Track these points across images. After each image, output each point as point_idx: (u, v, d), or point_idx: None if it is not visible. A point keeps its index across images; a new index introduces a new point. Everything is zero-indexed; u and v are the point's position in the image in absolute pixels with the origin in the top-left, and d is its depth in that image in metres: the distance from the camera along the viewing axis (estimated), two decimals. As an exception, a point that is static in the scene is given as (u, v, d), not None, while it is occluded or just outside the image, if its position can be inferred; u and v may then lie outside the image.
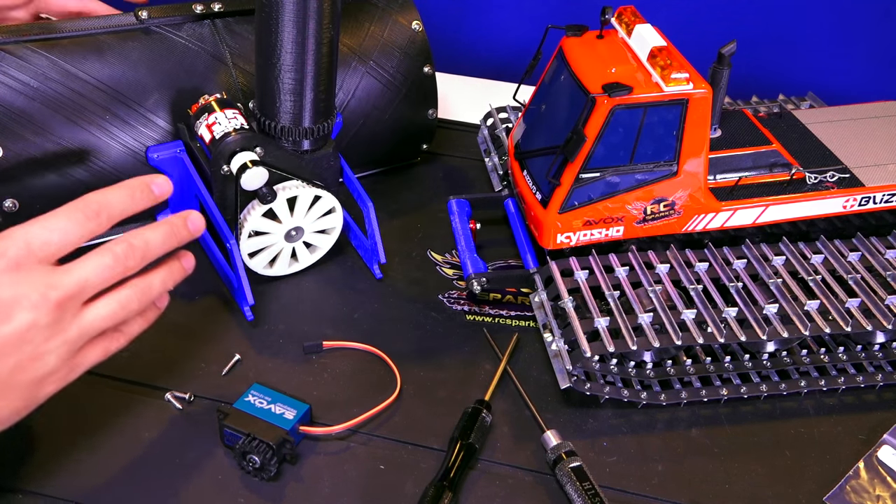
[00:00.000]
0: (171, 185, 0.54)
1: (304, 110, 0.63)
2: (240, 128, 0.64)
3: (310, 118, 0.64)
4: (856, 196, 0.67)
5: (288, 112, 0.63)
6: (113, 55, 0.67)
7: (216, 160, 0.64)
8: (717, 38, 0.71)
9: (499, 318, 0.70)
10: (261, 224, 0.67)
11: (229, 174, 0.64)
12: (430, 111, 0.80)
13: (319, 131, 0.65)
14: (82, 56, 0.66)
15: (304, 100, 0.63)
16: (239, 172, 0.63)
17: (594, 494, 0.55)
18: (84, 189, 0.64)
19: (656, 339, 0.59)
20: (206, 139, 0.65)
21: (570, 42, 0.66)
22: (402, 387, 0.63)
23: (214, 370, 0.64)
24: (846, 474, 0.59)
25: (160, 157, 0.68)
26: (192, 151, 0.68)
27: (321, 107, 0.64)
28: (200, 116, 0.66)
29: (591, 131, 0.60)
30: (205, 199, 0.67)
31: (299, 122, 0.64)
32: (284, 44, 0.60)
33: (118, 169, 0.67)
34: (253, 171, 0.63)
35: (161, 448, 0.58)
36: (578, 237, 0.65)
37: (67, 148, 0.65)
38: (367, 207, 0.70)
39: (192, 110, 0.67)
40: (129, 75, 0.67)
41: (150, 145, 0.68)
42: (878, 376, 0.65)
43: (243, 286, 0.65)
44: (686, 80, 0.60)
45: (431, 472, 0.57)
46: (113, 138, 0.67)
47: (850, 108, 0.77)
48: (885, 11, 0.98)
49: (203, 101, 0.66)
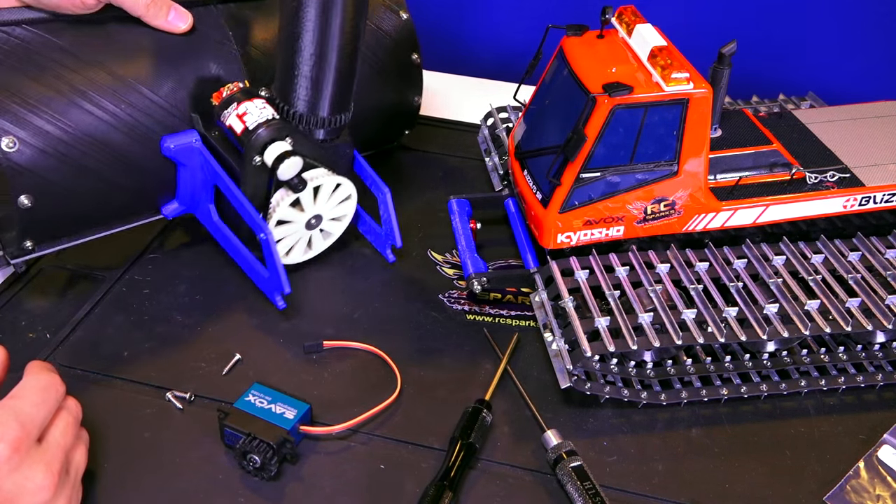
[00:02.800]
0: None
1: (322, 99, 0.64)
2: (271, 118, 0.64)
3: (327, 108, 0.64)
4: (856, 196, 0.67)
5: (305, 99, 0.64)
6: (122, 43, 0.65)
7: (249, 151, 0.63)
8: (717, 38, 0.71)
9: (499, 317, 0.70)
10: (287, 213, 0.67)
11: (261, 164, 0.64)
12: (415, 98, 0.82)
13: (334, 122, 0.66)
14: (93, 43, 0.64)
15: (323, 89, 0.63)
16: (276, 163, 0.63)
17: (595, 494, 0.55)
18: (96, 179, 0.64)
19: (656, 339, 0.59)
20: (237, 129, 0.64)
21: (571, 42, 0.66)
22: (402, 387, 0.63)
23: (214, 370, 0.64)
24: (846, 474, 0.59)
25: (175, 147, 0.66)
26: (207, 141, 0.67)
27: (339, 98, 0.65)
28: (228, 106, 0.64)
29: (591, 131, 0.60)
30: (228, 188, 0.66)
31: (315, 111, 0.64)
32: (308, 31, 0.60)
33: (130, 157, 0.65)
34: (290, 161, 0.63)
35: (161, 448, 0.58)
36: (579, 237, 0.65)
37: (79, 137, 0.63)
38: (384, 193, 0.71)
39: (215, 99, 0.65)
40: (141, 63, 0.65)
41: (164, 135, 0.66)
42: (879, 376, 0.65)
43: (279, 274, 0.65)
44: (686, 79, 0.60)
45: (431, 472, 0.57)
46: (124, 127, 0.64)
47: (850, 108, 0.77)
48: (886, 11, 0.98)
49: (228, 90, 0.65)
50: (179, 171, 0.68)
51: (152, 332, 0.67)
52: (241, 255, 0.69)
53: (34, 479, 0.48)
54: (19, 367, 0.54)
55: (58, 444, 0.50)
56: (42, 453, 0.49)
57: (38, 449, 0.49)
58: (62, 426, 0.52)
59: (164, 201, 0.70)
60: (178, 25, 0.64)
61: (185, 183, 0.68)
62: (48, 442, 0.50)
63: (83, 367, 0.64)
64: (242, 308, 0.70)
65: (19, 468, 0.47)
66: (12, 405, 0.49)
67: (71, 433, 0.52)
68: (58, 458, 0.50)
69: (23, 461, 0.47)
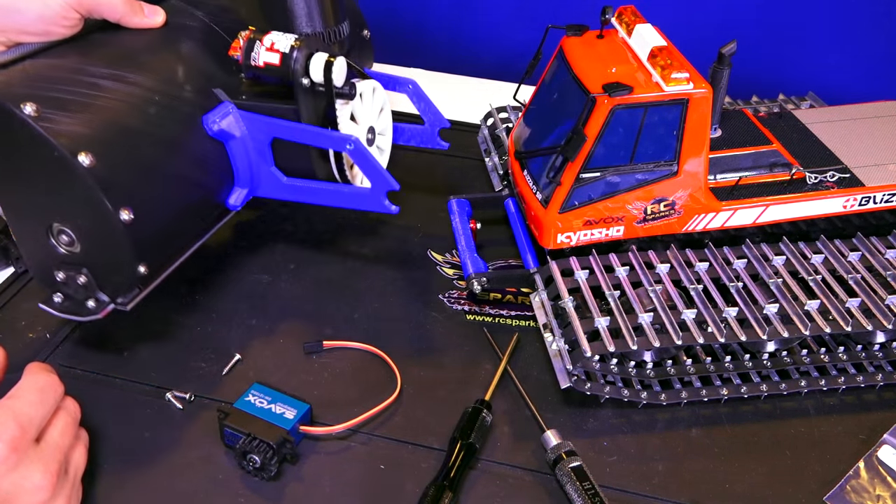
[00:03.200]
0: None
1: (323, 13, 0.67)
2: (297, 38, 0.64)
3: (330, 19, 0.68)
4: (856, 196, 0.67)
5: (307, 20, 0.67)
6: (122, 48, 0.64)
7: (295, 76, 0.63)
8: (717, 38, 0.71)
9: (499, 317, 0.70)
10: (349, 127, 0.67)
11: (309, 84, 0.64)
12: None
13: (339, 33, 0.69)
14: (101, 55, 0.62)
15: (311, 6, 0.66)
16: (327, 71, 0.63)
17: (594, 494, 0.55)
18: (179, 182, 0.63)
19: (656, 339, 0.59)
20: (275, 61, 0.63)
21: (571, 42, 0.66)
22: (402, 387, 0.63)
23: (214, 370, 0.64)
24: (846, 474, 0.59)
25: (219, 121, 0.65)
26: (241, 106, 0.66)
27: (335, 8, 0.68)
28: (252, 49, 0.64)
29: (591, 131, 0.60)
30: (289, 127, 0.65)
31: (324, 26, 0.67)
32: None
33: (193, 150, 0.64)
34: (337, 64, 0.63)
35: (161, 448, 0.58)
36: (579, 237, 0.65)
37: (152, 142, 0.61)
38: (412, 85, 0.73)
39: (234, 51, 0.65)
40: (150, 61, 0.64)
41: (202, 116, 0.64)
42: (879, 376, 0.65)
43: (383, 175, 0.64)
44: (686, 79, 0.60)
45: (431, 472, 0.57)
46: (177, 122, 0.63)
47: (850, 108, 0.77)
48: (886, 11, 0.98)
49: (244, 36, 0.65)
50: (230, 149, 0.66)
51: (152, 332, 0.67)
52: (328, 194, 0.68)
53: (32, 478, 0.48)
54: (19, 367, 0.54)
55: (56, 445, 0.50)
56: (40, 453, 0.49)
57: (36, 449, 0.49)
58: (61, 426, 0.52)
59: (226, 195, 0.68)
60: (155, 19, 0.65)
61: (239, 158, 0.67)
62: (46, 442, 0.50)
63: (83, 367, 0.64)
64: (242, 308, 0.70)
65: (17, 468, 0.47)
66: (10, 405, 0.49)
67: (69, 433, 0.52)
68: (56, 459, 0.50)
69: (20, 461, 0.47)
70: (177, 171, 0.63)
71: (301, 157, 0.67)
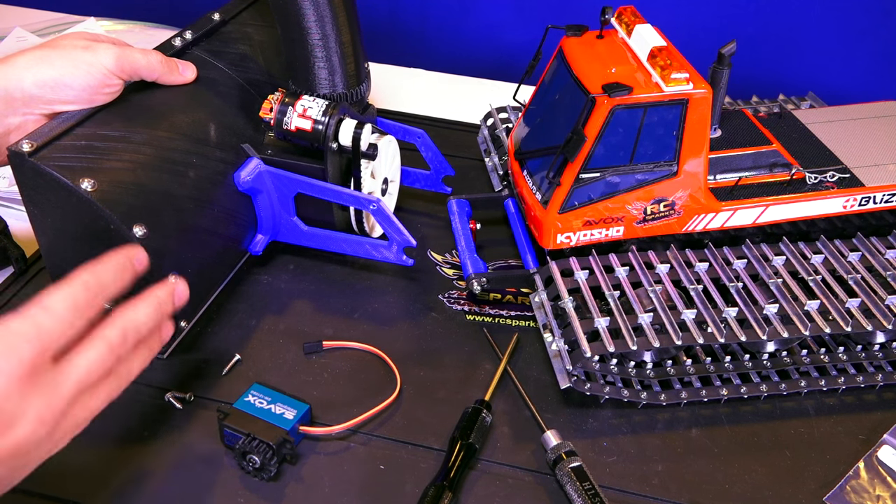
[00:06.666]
0: (148, 257, 0.53)
1: (346, 73, 0.68)
2: (328, 105, 0.66)
3: (342, 84, 0.69)
4: (856, 196, 0.67)
5: (328, 80, 0.68)
6: (159, 108, 0.65)
7: (325, 140, 0.66)
8: (717, 38, 0.71)
9: (499, 318, 0.70)
10: (370, 184, 0.69)
11: (337, 147, 0.66)
12: None
13: (360, 92, 0.70)
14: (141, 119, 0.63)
15: (335, 69, 0.67)
16: (356, 137, 0.66)
17: (594, 494, 0.55)
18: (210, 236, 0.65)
19: (656, 339, 0.59)
20: (307, 126, 0.65)
21: (570, 42, 0.66)
22: (402, 387, 0.63)
23: (214, 370, 0.64)
24: (846, 474, 0.59)
25: (249, 177, 0.67)
26: (267, 162, 0.68)
27: (352, 73, 0.69)
28: (286, 112, 0.66)
29: (591, 131, 0.60)
30: (313, 186, 0.67)
31: (335, 89, 0.68)
32: (308, 26, 0.65)
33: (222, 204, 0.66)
34: (365, 132, 0.66)
35: (161, 448, 0.58)
36: (578, 237, 0.65)
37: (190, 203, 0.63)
38: (421, 136, 0.77)
39: (264, 113, 0.67)
40: (185, 119, 0.65)
41: (232, 173, 0.66)
42: (878, 376, 0.65)
43: (402, 232, 0.67)
44: (686, 80, 0.60)
45: (431, 472, 0.57)
46: (209, 178, 0.65)
47: (850, 108, 0.77)
48: (885, 11, 0.98)
49: (276, 99, 0.66)
50: (256, 201, 0.69)
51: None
52: (346, 243, 0.70)
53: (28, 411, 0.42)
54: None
55: (75, 380, 0.44)
56: (51, 382, 0.43)
57: (51, 373, 0.43)
58: (94, 356, 0.45)
59: (248, 241, 0.71)
60: (188, 76, 0.67)
61: (264, 210, 0.70)
62: (64, 373, 0.44)
63: (83, 368, 0.64)
64: (242, 308, 0.70)
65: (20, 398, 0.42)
66: (35, 317, 0.43)
67: (101, 367, 0.46)
68: (63, 396, 0.44)
69: (26, 392, 0.42)
70: (211, 227, 0.65)
71: (322, 210, 0.70)
